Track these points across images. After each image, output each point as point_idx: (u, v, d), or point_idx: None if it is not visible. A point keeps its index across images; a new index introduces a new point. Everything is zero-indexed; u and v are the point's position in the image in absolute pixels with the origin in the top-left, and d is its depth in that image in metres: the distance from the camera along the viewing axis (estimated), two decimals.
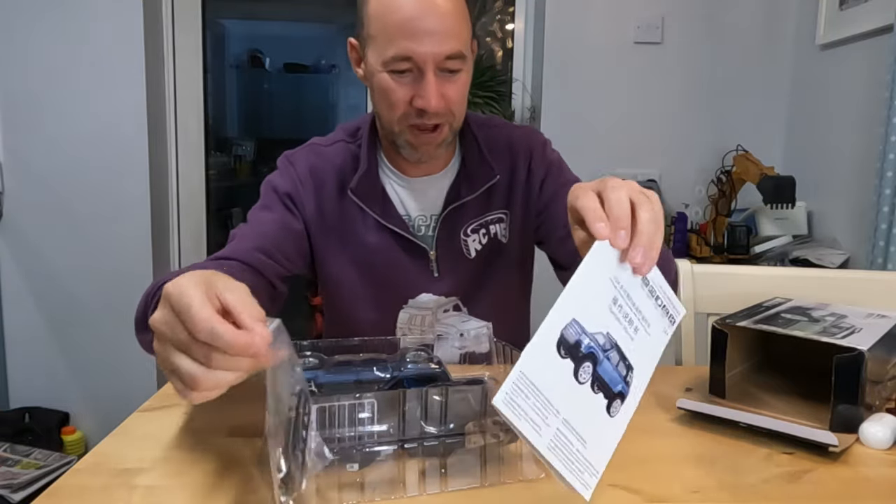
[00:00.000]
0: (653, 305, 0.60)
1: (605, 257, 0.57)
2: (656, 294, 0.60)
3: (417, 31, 0.87)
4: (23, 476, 2.07)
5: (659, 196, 2.61)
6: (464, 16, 0.91)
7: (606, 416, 0.56)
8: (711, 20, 2.48)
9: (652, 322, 0.60)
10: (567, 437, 0.53)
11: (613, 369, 0.57)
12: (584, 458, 0.54)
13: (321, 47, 4.02)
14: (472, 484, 0.63)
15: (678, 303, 0.63)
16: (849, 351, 0.76)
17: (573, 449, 0.54)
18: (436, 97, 0.89)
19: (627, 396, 0.58)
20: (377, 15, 0.89)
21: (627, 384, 0.58)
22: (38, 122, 2.34)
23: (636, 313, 0.59)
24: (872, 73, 1.98)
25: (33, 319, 2.43)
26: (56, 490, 0.62)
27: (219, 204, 3.13)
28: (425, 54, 0.87)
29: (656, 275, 0.60)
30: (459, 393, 0.64)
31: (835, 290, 1.10)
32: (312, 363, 0.69)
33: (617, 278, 0.57)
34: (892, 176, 1.71)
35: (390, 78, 0.91)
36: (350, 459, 0.59)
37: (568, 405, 0.53)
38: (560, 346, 0.53)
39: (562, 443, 0.53)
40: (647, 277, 0.59)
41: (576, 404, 0.54)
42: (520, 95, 2.65)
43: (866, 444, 0.75)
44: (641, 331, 0.59)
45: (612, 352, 0.57)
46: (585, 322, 0.54)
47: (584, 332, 0.54)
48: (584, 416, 0.54)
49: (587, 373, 0.55)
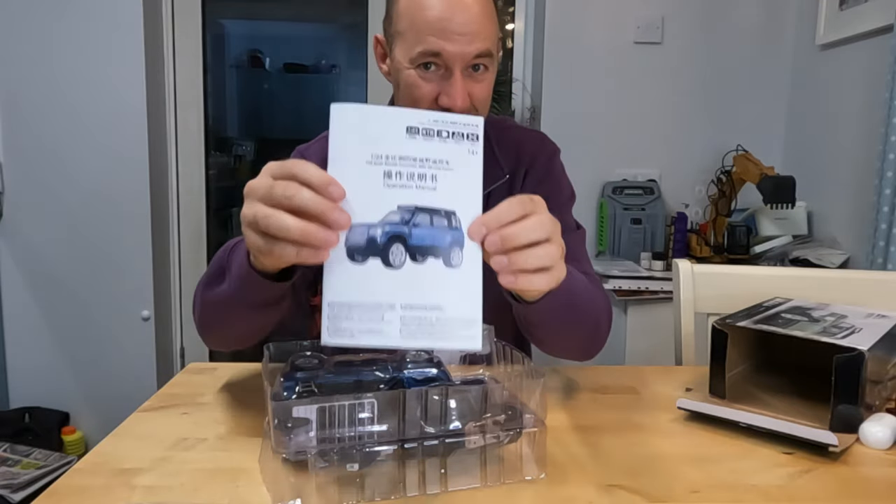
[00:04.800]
0: (438, 141, 0.58)
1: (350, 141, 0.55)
2: (436, 130, 0.58)
3: (447, 29, 0.87)
4: (23, 476, 2.07)
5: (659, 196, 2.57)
6: (492, 15, 0.92)
7: (451, 269, 0.57)
8: (711, 20, 2.48)
9: (449, 156, 0.58)
10: (417, 316, 0.55)
11: (430, 228, 0.56)
12: (449, 319, 0.56)
13: (321, 47, 4.02)
14: (472, 484, 0.63)
15: (467, 116, 0.60)
16: (849, 351, 0.76)
17: (431, 320, 0.55)
18: (462, 96, 0.90)
19: (464, 239, 0.57)
20: (407, 12, 0.90)
21: (457, 229, 0.57)
22: (38, 122, 2.34)
23: (421, 164, 0.57)
24: (872, 73, 1.98)
25: (33, 319, 2.43)
26: (56, 490, 0.62)
27: (219, 204, 3.12)
28: (454, 53, 0.88)
29: (424, 114, 0.58)
30: (459, 393, 0.64)
31: (835, 290, 1.10)
32: (312, 363, 0.69)
33: (376, 154, 0.56)
34: (892, 176, 1.71)
35: (417, 75, 0.91)
36: (350, 459, 0.59)
37: (398, 292, 0.55)
38: (354, 255, 0.54)
39: (415, 324, 0.55)
40: (412, 127, 0.57)
41: (407, 285, 0.55)
42: (520, 95, 2.65)
43: (866, 444, 0.75)
44: (440, 172, 0.57)
45: (419, 215, 0.56)
46: (365, 216, 0.55)
47: (370, 226, 0.55)
48: (425, 287, 0.55)
49: (400, 253, 0.55)
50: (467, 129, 0.58)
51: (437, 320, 0.55)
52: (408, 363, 0.70)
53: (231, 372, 0.93)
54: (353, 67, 3.43)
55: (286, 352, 0.73)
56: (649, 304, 2.09)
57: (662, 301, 2.06)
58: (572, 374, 0.95)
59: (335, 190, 0.54)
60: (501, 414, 0.65)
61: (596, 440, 0.74)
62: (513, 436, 0.65)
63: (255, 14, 3.82)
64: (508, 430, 0.65)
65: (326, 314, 0.53)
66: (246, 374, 0.92)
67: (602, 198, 2.46)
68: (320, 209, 0.54)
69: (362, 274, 0.54)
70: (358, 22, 2.69)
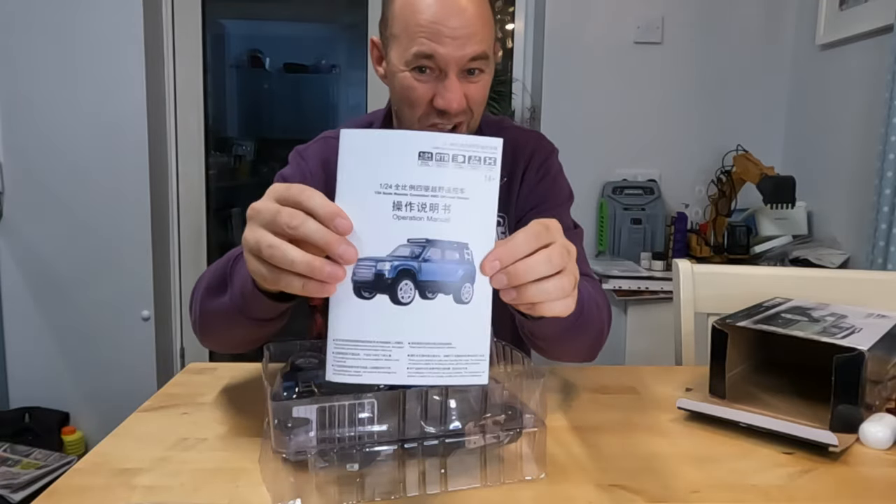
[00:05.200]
0: (453, 167, 0.54)
1: (358, 169, 0.52)
2: (450, 154, 0.54)
3: (441, 32, 0.87)
4: (23, 476, 2.07)
5: (659, 196, 2.57)
6: (488, 17, 0.91)
7: (461, 305, 0.54)
8: (711, 20, 2.48)
9: (464, 183, 0.54)
10: (426, 353, 0.53)
11: (441, 263, 0.53)
12: (457, 356, 0.54)
13: (321, 47, 4.02)
14: (472, 484, 0.64)
15: (485, 139, 0.55)
16: (849, 351, 0.76)
17: (440, 357, 0.54)
18: (458, 99, 0.89)
19: (476, 273, 0.54)
20: (402, 15, 0.89)
21: (469, 262, 0.54)
22: (38, 122, 2.34)
23: (433, 193, 0.53)
24: (872, 73, 1.98)
25: (33, 319, 2.43)
26: (56, 490, 0.62)
27: (219, 204, 3.12)
28: (449, 56, 0.87)
29: (438, 138, 0.54)
30: (459, 393, 0.64)
31: (835, 290, 1.10)
32: (312, 363, 0.69)
33: (385, 183, 0.53)
34: (892, 176, 1.71)
35: (412, 77, 0.90)
36: (350, 459, 0.59)
37: (406, 329, 0.53)
38: (361, 290, 0.52)
39: (423, 362, 0.53)
40: (426, 152, 0.53)
41: (415, 322, 0.53)
42: (520, 95, 2.65)
43: (866, 444, 0.75)
44: (454, 201, 0.54)
45: (429, 249, 0.53)
46: (373, 250, 0.52)
47: (378, 261, 0.52)
48: (434, 324, 0.53)
49: (409, 289, 0.53)
50: (485, 152, 0.55)
51: (446, 357, 0.54)
52: None
53: (231, 372, 0.93)
54: (353, 67, 3.43)
55: (286, 352, 0.73)
56: (649, 304, 2.09)
57: (662, 301, 2.06)
58: (572, 374, 0.95)
59: (342, 223, 0.52)
60: (501, 414, 0.65)
61: (596, 440, 0.74)
62: (513, 436, 0.65)
63: (255, 14, 3.82)
64: (508, 430, 0.65)
65: (332, 351, 0.52)
66: (246, 374, 0.92)
67: (602, 198, 2.46)
68: (326, 242, 0.52)
69: (370, 311, 0.53)
70: (358, 22, 2.69)
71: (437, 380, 0.53)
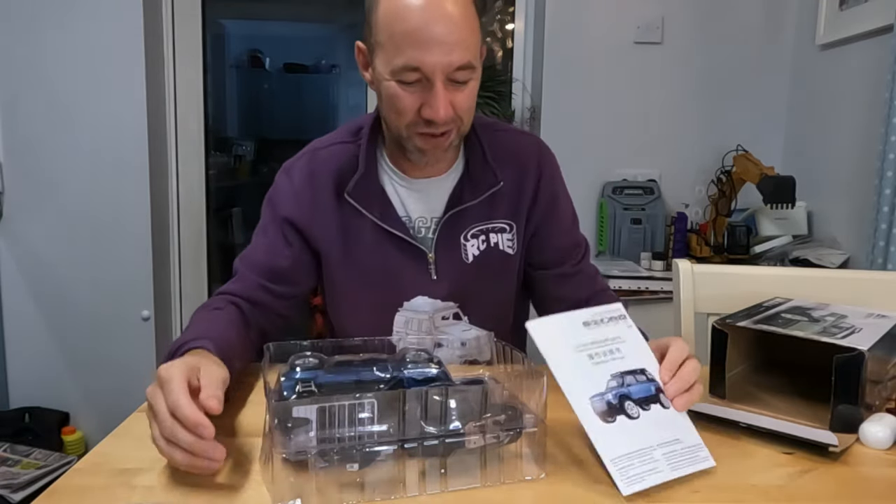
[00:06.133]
0: (606, 326, 0.75)
1: (556, 343, 0.71)
2: (598, 318, 0.75)
3: (426, 41, 0.85)
4: (23, 476, 2.07)
5: (659, 196, 2.59)
6: (473, 24, 0.90)
7: (669, 410, 0.72)
8: (711, 20, 2.48)
9: (617, 333, 0.75)
10: (670, 449, 0.68)
11: (638, 384, 0.72)
12: (689, 447, 0.69)
13: (321, 47, 4.02)
14: (472, 484, 0.64)
15: (609, 306, 0.77)
16: (849, 351, 0.76)
17: (680, 450, 0.68)
18: (444, 108, 0.88)
19: (658, 384, 0.73)
20: (385, 23, 0.88)
21: (652, 380, 0.73)
22: (38, 122, 2.33)
23: (607, 343, 0.73)
24: (872, 73, 1.98)
25: (33, 319, 2.43)
26: (56, 490, 0.62)
27: (219, 204, 3.13)
28: (434, 65, 0.86)
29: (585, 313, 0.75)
30: (459, 393, 0.64)
31: (835, 290, 1.10)
32: (312, 363, 0.69)
33: (577, 346, 0.72)
34: (892, 176, 1.71)
35: (398, 86, 0.89)
36: (350, 459, 0.59)
37: (648, 435, 0.68)
38: (604, 418, 0.68)
39: (674, 456, 0.67)
40: (586, 322, 0.74)
41: (650, 428, 0.69)
42: (520, 95, 2.65)
43: (866, 444, 0.75)
44: (622, 343, 0.74)
45: (626, 377, 0.71)
46: (594, 388, 0.69)
47: (601, 394, 0.69)
48: (661, 427, 0.69)
49: (633, 406, 0.70)
50: (615, 313, 0.76)
51: (683, 449, 0.69)
52: (408, 363, 0.70)
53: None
54: (353, 67, 3.41)
55: (286, 352, 0.73)
56: (649, 304, 2.09)
57: (662, 301, 2.06)
58: None
59: (204, 431, 0.61)
60: (501, 414, 0.65)
61: None
62: (513, 436, 0.65)
63: (255, 14, 3.82)
64: (508, 430, 0.65)
65: (616, 469, 0.64)
66: (246, 374, 0.92)
67: (602, 198, 2.46)
68: (195, 450, 0.62)
69: (619, 430, 0.67)
70: (358, 22, 2.67)
71: (687, 469, 0.67)
